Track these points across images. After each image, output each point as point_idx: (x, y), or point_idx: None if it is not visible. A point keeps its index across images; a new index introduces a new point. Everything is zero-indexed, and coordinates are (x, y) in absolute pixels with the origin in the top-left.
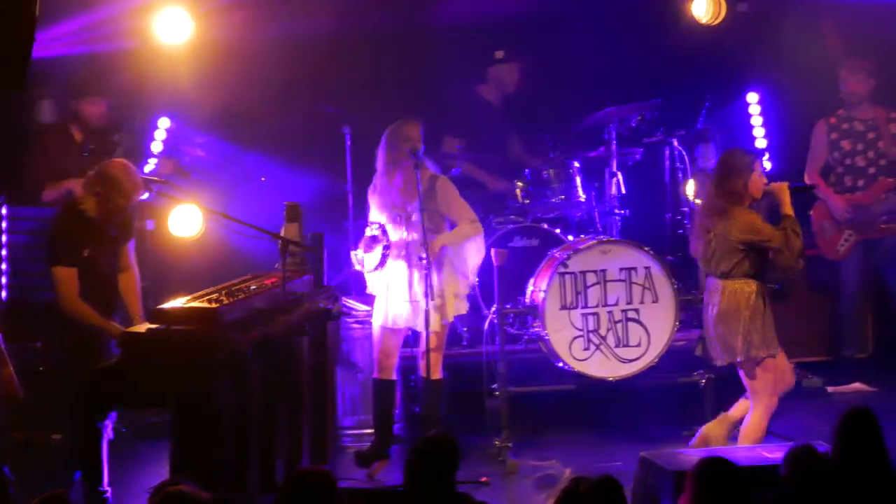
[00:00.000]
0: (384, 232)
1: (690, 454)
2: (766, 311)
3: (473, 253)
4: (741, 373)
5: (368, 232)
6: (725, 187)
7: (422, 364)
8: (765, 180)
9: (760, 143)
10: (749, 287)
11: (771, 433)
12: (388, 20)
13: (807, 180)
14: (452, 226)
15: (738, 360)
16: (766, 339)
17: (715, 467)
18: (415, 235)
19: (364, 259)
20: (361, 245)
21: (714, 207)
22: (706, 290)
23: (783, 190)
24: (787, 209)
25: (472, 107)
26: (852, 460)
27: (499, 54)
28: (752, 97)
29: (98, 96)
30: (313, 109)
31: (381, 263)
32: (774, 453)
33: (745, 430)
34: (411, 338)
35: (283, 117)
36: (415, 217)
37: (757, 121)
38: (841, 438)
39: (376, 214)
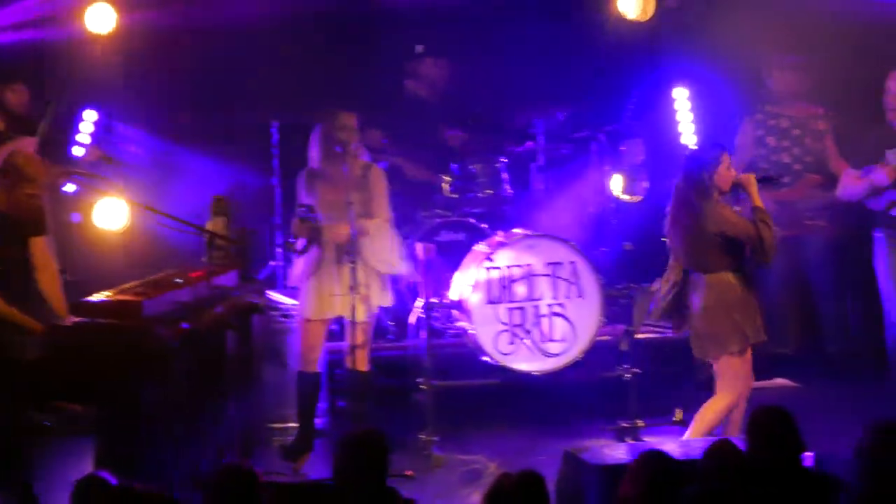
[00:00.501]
0: (313, 214)
1: (615, 448)
2: (750, 300)
3: (393, 248)
4: (722, 363)
5: (298, 214)
6: (693, 182)
7: (348, 357)
8: (734, 173)
9: (687, 138)
10: (731, 279)
11: None
12: (317, 10)
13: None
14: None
15: (732, 351)
16: (757, 327)
17: (656, 460)
18: (344, 225)
19: (296, 242)
20: (293, 229)
21: (684, 202)
22: (690, 285)
23: (751, 182)
24: (756, 201)
25: (400, 101)
26: (765, 455)
27: (419, 48)
28: (680, 93)
29: (22, 84)
30: (240, 102)
31: (311, 248)
32: (698, 448)
33: (708, 414)
34: (337, 331)
35: (209, 110)
36: (345, 207)
37: (684, 116)
38: (754, 434)
39: (306, 201)
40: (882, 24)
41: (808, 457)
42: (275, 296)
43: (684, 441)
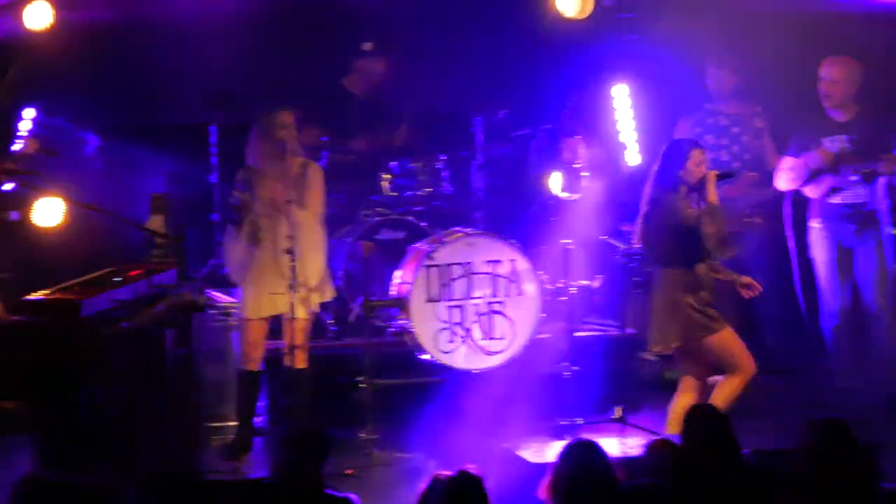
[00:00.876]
0: (249, 207)
1: (554, 446)
2: (703, 293)
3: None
4: (712, 351)
5: (233, 202)
6: (659, 175)
7: (287, 355)
8: (702, 169)
9: (626, 136)
10: (686, 272)
11: (633, 426)
12: (256, 9)
13: None
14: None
15: (702, 338)
16: (715, 316)
17: (583, 453)
18: (283, 223)
19: (232, 230)
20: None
21: (649, 195)
22: (653, 278)
23: (709, 178)
24: (709, 196)
25: (337, 98)
26: (701, 451)
27: (366, 46)
28: (618, 91)
29: None
30: (179, 100)
31: (248, 240)
32: (637, 446)
33: (718, 398)
34: (277, 328)
35: (148, 108)
36: (284, 205)
37: (622, 114)
38: (689, 430)
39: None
40: (813, 17)
41: (745, 452)
42: (216, 294)
43: (623, 439)
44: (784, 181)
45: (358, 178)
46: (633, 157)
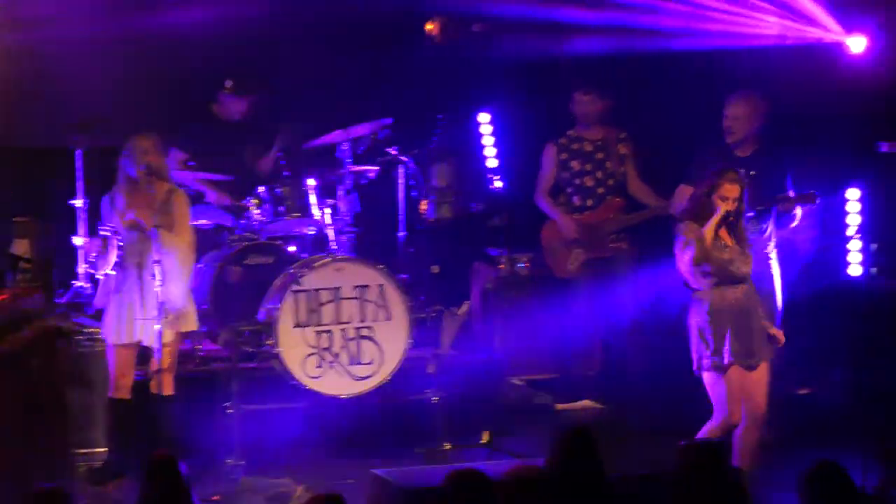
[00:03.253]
0: (115, 234)
1: (422, 471)
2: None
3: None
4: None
5: (101, 234)
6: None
7: (153, 381)
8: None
9: (492, 162)
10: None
11: (502, 450)
12: (124, 35)
13: (536, 200)
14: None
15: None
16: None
17: (471, 481)
18: (149, 249)
19: (97, 262)
20: (94, 249)
21: None
22: None
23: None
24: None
25: (204, 124)
26: (565, 474)
27: (227, 84)
28: (484, 117)
29: None
30: (45, 123)
31: (114, 266)
32: (504, 470)
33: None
34: (145, 354)
35: (13, 131)
36: (150, 230)
37: (488, 140)
38: (554, 453)
39: (111, 221)
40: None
41: (611, 476)
42: (83, 319)
43: (493, 464)
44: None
45: (225, 203)
46: (500, 181)
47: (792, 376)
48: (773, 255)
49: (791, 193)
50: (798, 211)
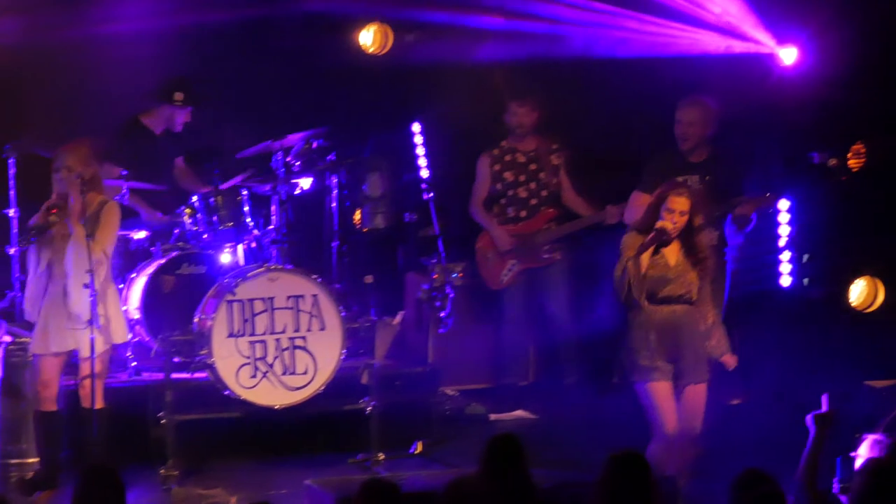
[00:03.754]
0: (45, 243)
1: (357, 481)
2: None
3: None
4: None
5: (31, 244)
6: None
7: (83, 391)
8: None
9: (425, 172)
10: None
11: (435, 461)
12: (58, 43)
13: (471, 211)
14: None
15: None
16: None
17: (380, 489)
18: (76, 258)
19: (28, 272)
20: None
21: None
22: None
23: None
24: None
25: (136, 135)
26: (497, 484)
27: (178, 97)
28: (417, 127)
29: None
30: None
31: (41, 275)
32: (439, 480)
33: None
34: (74, 364)
35: None
36: (81, 239)
37: (422, 150)
38: (485, 463)
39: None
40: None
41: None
42: (13, 329)
43: (426, 473)
44: (633, 217)
45: (158, 214)
46: (433, 191)
47: (723, 387)
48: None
49: (745, 197)
50: (754, 215)
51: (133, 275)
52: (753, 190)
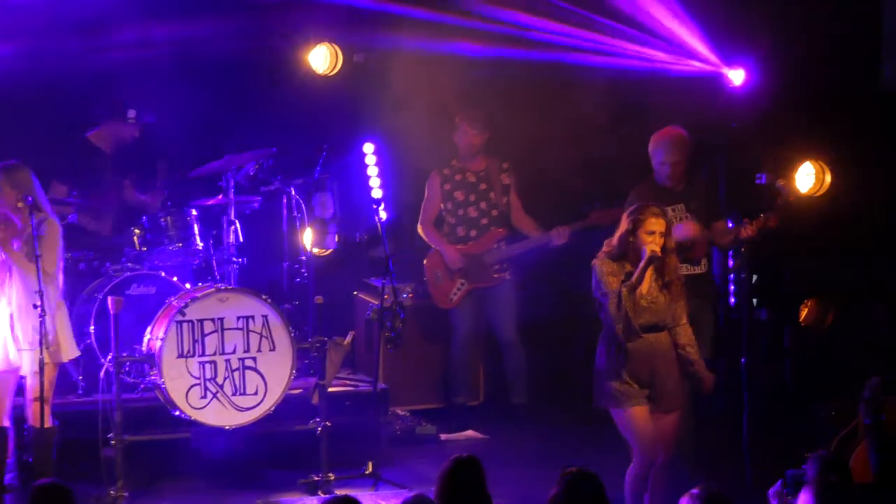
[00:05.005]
0: None
1: (306, 502)
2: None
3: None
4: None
5: None
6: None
7: (29, 411)
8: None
9: (376, 192)
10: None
11: (386, 481)
12: (9, 66)
13: (420, 230)
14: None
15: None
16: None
17: None
18: (21, 278)
19: None
20: None
21: None
22: None
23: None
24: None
25: (83, 153)
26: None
27: (130, 115)
28: (368, 147)
29: None
30: None
31: None
32: (390, 501)
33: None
34: (21, 384)
35: None
36: (26, 259)
37: (373, 170)
38: (442, 484)
39: None
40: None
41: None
42: None
43: (376, 494)
44: None
45: (107, 234)
46: (383, 212)
47: None
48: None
49: (746, 221)
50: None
51: (83, 295)
52: (726, 212)
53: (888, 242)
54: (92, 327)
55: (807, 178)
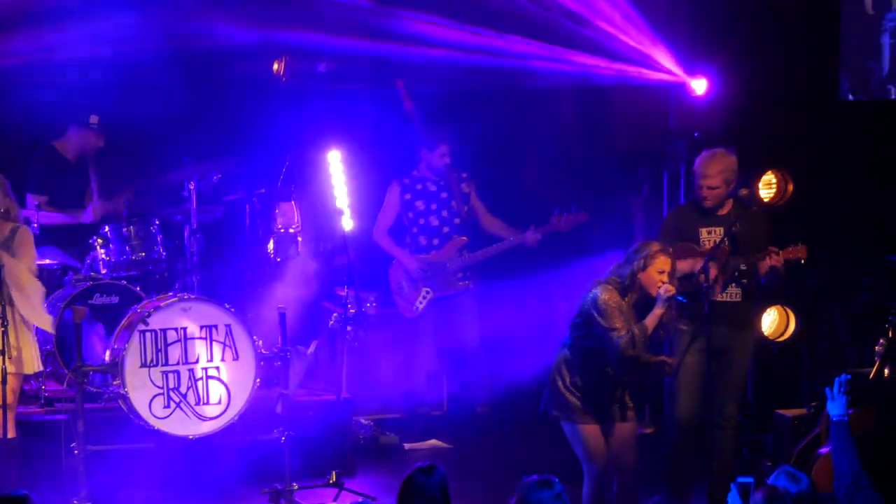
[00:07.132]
0: None
1: None
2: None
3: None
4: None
5: None
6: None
7: None
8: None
9: (341, 201)
10: None
11: (349, 490)
12: None
13: (376, 238)
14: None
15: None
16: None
17: None
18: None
19: None
20: None
21: None
22: None
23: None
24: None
25: (51, 163)
26: None
27: (93, 120)
28: (332, 156)
29: None
30: None
31: None
32: None
33: None
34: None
35: None
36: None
37: (337, 179)
38: (406, 495)
39: None
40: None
41: None
42: None
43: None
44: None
45: (70, 243)
46: (347, 221)
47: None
48: None
49: (774, 249)
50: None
51: (45, 305)
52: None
53: (848, 249)
54: (54, 337)
55: (769, 187)
